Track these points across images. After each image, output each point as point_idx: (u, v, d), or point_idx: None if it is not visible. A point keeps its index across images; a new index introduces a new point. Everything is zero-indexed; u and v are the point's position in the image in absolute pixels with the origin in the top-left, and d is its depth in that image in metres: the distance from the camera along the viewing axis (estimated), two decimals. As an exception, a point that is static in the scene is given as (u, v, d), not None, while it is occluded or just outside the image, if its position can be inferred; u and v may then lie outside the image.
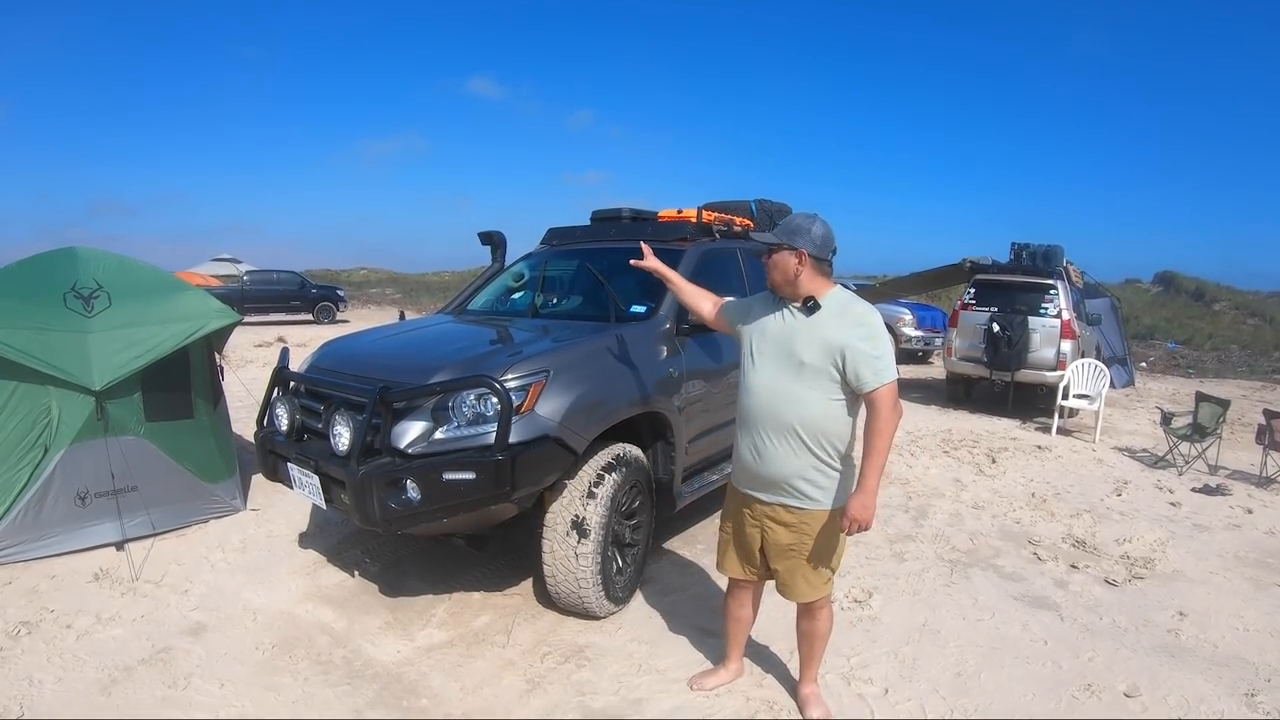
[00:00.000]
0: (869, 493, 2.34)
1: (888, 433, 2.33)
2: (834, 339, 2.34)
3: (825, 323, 2.39)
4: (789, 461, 2.42)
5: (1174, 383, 13.43)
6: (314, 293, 21.79)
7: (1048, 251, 9.58)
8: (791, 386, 2.40)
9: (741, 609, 2.85)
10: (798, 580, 2.55)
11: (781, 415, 2.40)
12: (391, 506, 2.96)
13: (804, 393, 2.38)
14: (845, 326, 2.36)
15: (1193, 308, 25.10)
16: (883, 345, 2.36)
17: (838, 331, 2.35)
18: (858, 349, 2.32)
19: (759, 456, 2.48)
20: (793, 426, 2.39)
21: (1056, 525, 4.98)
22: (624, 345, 3.65)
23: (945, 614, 3.58)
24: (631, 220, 4.91)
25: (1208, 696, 2.95)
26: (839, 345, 2.33)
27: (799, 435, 2.39)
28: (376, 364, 3.48)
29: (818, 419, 2.38)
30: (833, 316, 2.40)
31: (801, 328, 2.42)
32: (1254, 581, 4.15)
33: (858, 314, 2.39)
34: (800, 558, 2.51)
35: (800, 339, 2.40)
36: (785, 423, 2.40)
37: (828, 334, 2.36)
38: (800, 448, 2.40)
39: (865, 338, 2.33)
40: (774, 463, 2.44)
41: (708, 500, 4.60)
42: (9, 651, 3.04)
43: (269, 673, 2.97)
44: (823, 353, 2.35)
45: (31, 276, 4.17)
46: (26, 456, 3.77)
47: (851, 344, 2.32)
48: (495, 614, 3.48)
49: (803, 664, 2.81)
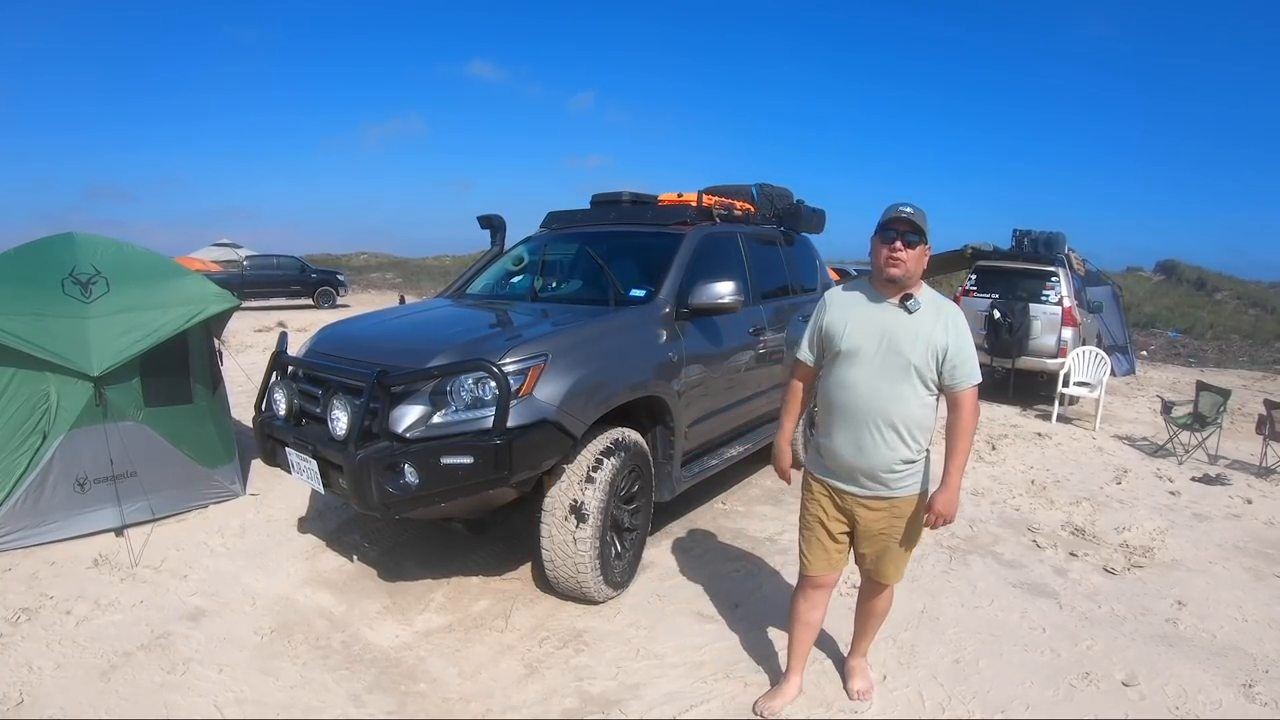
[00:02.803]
0: (954, 489, 2.42)
1: (971, 431, 2.43)
2: (938, 340, 2.39)
3: (926, 321, 2.42)
4: (888, 454, 2.45)
5: (1175, 372, 13.40)
6: (314, 277, 21.73)
7: (1049, 238, 9.53)
8: (896, 384, 2.42)
9: (814, 611, 2.75)
10: (886, 563, 2.62)
11: (886, 412, 2.43)
12: (390, 491, 2.95)
13: (907, 389, 2.42)
14: (945, 327, 2.41)
15: (1194, 297, 25.04)
16: (972, 346, 2.45)
17: (940, 332, 2.40)
18: (958, 349, 2.39)
19: (859, 451, 2.47)
20: (894, 421, 2.42)
21: (1056, 513, 4.98)
22: (623, 329, 3.63)
23: (944, 601, 3.59)
24: (632, 204, 4.88)
25: (1205, 686, 2.95)
26: (942, 346, 2.39)
27: (899, 429, 2.43)
28: (375, 348, 3.46)
29: (915, 413, 2.43)
30: (931, 316, 2.43)
31: (904, 325, 2.42)
32: (1253, 572, 4.15)
33: (949, 311, 2.46)
34: (892, 541, 2.57)
35: (905, 337, 2.41)
36: (888, 419, 2.43)
37: (931, 334, 2.40)
38: (898, 441, 2.44)
39: (963, 338, 2.42)
40: (875, 455, 2.46)
41: (707, 485, 4.61)
42: (9, 638, 3.04)
43: (268, 657, 2.97)
44: (928, 352, 2.39)
45: (29, 262, 4.14)
46: (26, 442, 3.76)
47: (952, 344, 2.39)
48: (494, 599, 3.48)
49: (856, 638, 2.88)
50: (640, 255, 4.39)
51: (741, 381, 4.48)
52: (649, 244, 4.44)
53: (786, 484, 2.92)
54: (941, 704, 2.77)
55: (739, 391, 4.48)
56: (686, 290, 3.93)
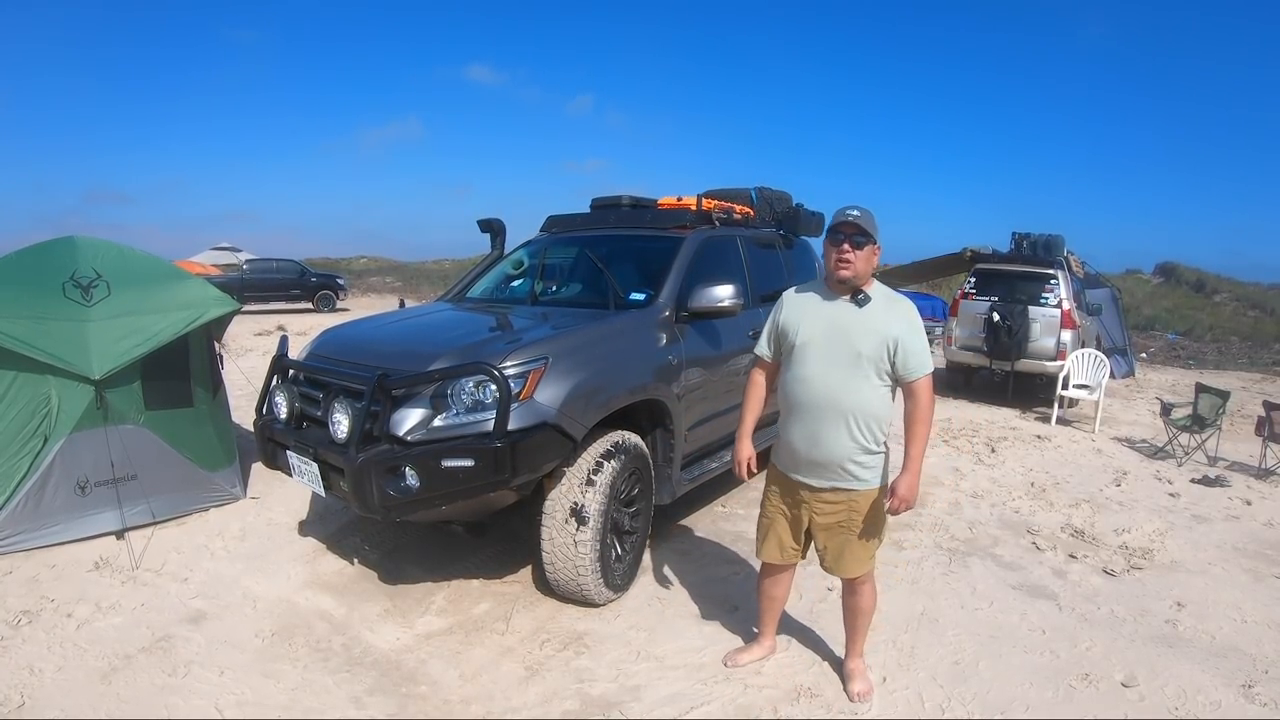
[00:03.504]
0: (915, 474, 2.49)
1: (928, 418, 2.51)
2: (887, 330, 2.46)
3: (877, 315, 2.50)
4: (843, 446, 2.53)
5: (1174, 374, 13.41)
6: (314, 281, 21.74)
7: (1048, 241, 9.55)
8: (848, 377, 2.50)
9: (776, 588, 2.96)
10: (846, 557, 2.66)
11: (838, 403, 2.50)
12: (390, 493, 2.96)
13: (858, 382, 2.49)
14: (895, 319, 2.49)
15: (1193, 299, 25.08)
16: (924, 338, 2.51)
17: (891, 323, 2.48)
18: (908, 340, 2.46)
19: (814, 443, 2.56)
20: (847, 412, 2.50)
21: (1055, 515, 4.98)
22: (623, 332, 3.64)
23: (943, 602, 3.59)
24: (631, 207, 4.89)
25: (1205, 687, 2.96)
26: (893, 336, 2.45)
27: (852, 420, 2.50)
28: (375, 351, 3.47)
29: (868, 404, 2.49)
30: (882, 309, 2.52)
31: (855, 318, 2.52)
32: (1252, 573, 4.15)
33: (902, 305, 2.54)
34: (850, 535, 2.62)
35: (856, 329, 2.50)
36: (841, 410, 2.50)
37: (880, 325, 2.48)
38: (853, 432, 2.51)
39: (913, 330, 2.48)
40: (830, 447, 2.54)
41: (707, 488, 4.61)
42: (10, 640, 3.04)
43: (268, 660, 2.98)
44: (878, 343, 2.47)
45: (30, 266, 4.15)
46: (26, 446, 3.76)
47: (902, 335, 2.45)
48: (494, 601, 3.48)
49: (849, 639, 2.90)
50: (640, 259, 4.40)
51: (741, 385, 4.48)
52: (648, 247, 4.45)
53: (743, 480, 2.98)
54: (941, 705, 2.78)
55: (738, 395, 4.47)
56: (686, 294, 3.93)
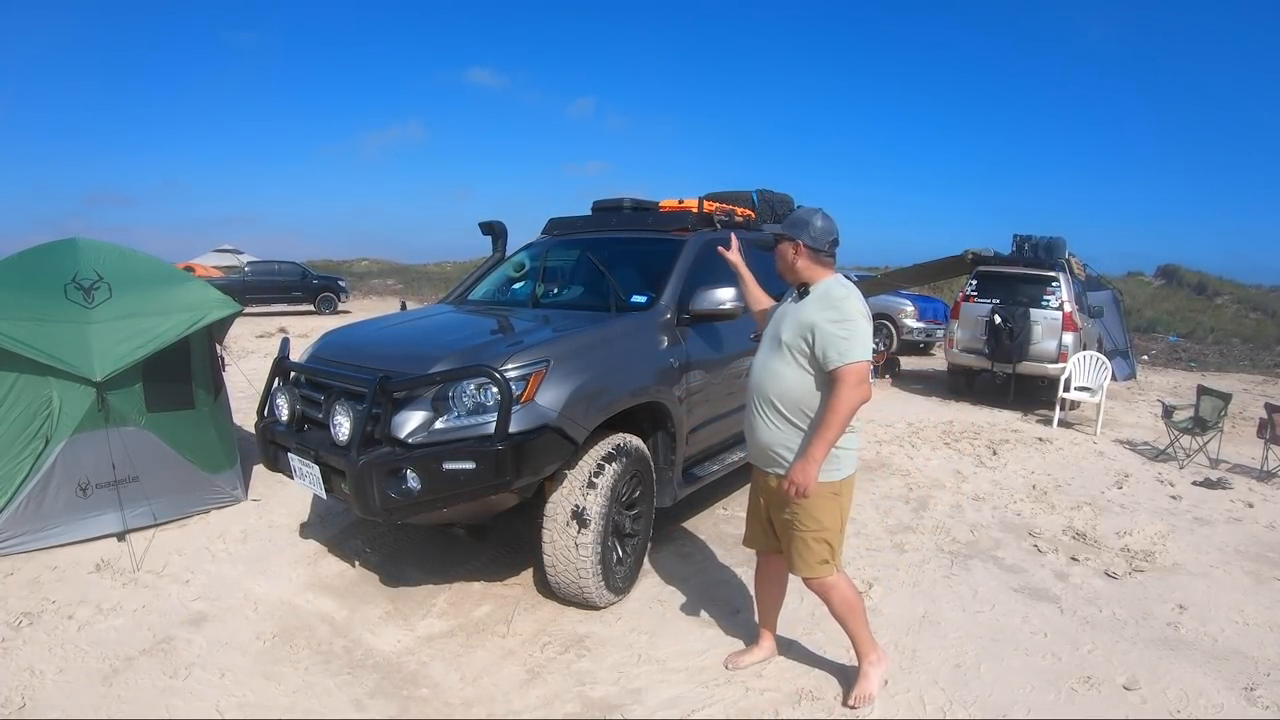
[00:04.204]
0: (810, 460, 2.45)
1: (841, 409, 2.40)
2: (807, 319, 2.51)
3: (807, 305, 2.57)
4: (770, 431, 2.61)
5: (1175, 376, 13.40)
6: (315, 283, 21.77)
7: (1050, 243, 9.55)
8: (771, 361, 2.62)
9: (768, 584, 2.98)
10: (792, 551, 2.70)
11: (762, 388, 2.63)
12: (392, 496, 2.96)
13: (779, 365, 2.58)
14: (819, 308, 2.52)
15: (1195, 301, 25.04)
16: (851, 328, 2.45)
17: (811, 312, 2.53)
18: (825, 329, 2.47)
19: (750, 427, 2.71)
20: (770, 396, 2.59)
21: (1057, 517, 4.98)
22: (624, 335, 3.64)
23: (945, 605, 3.59)
24: (633, 210, 4.90)
25: (1207, 690, 2.95)
26: (809, 324, 2.50)
27: (775, 404, 2.58)
28: (377, 354, 3.47)
29: (788, 389, 2.55)
30: (814, 299, 2.57)
31: (791, 311, 2.62)
32: (1254, 575, 4.14)
33: (833, 298, 2.54)
34: (795, 533, 2.65)
35: (786, 319, 2.61)
36: (764, 395, 2.62)
37: (803, 315, 2.54)
38: (776, 416, 2.59)
39: (834, 320, 2.47)
40: (760, 432, 2.65)
41: (709, 490, 4.61)
42: (11, 642, 3.05)
43: (270, 662, 2.98)
44: (795, 330, 2.54)
45: (32, 268, 4.16)
46: (28, 447, 3.77)
47: (820, 324, 2.48)
48: (496, 604, 3.48)
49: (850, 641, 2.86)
50: (641, 261, 4.41)
51: (742, 388, 4.48)
52: (650, 250, 4.45)
53: None
54: (943, 708, 2.77)
55: (740, 397, 4.46)
56: (687, 296, 3.93)
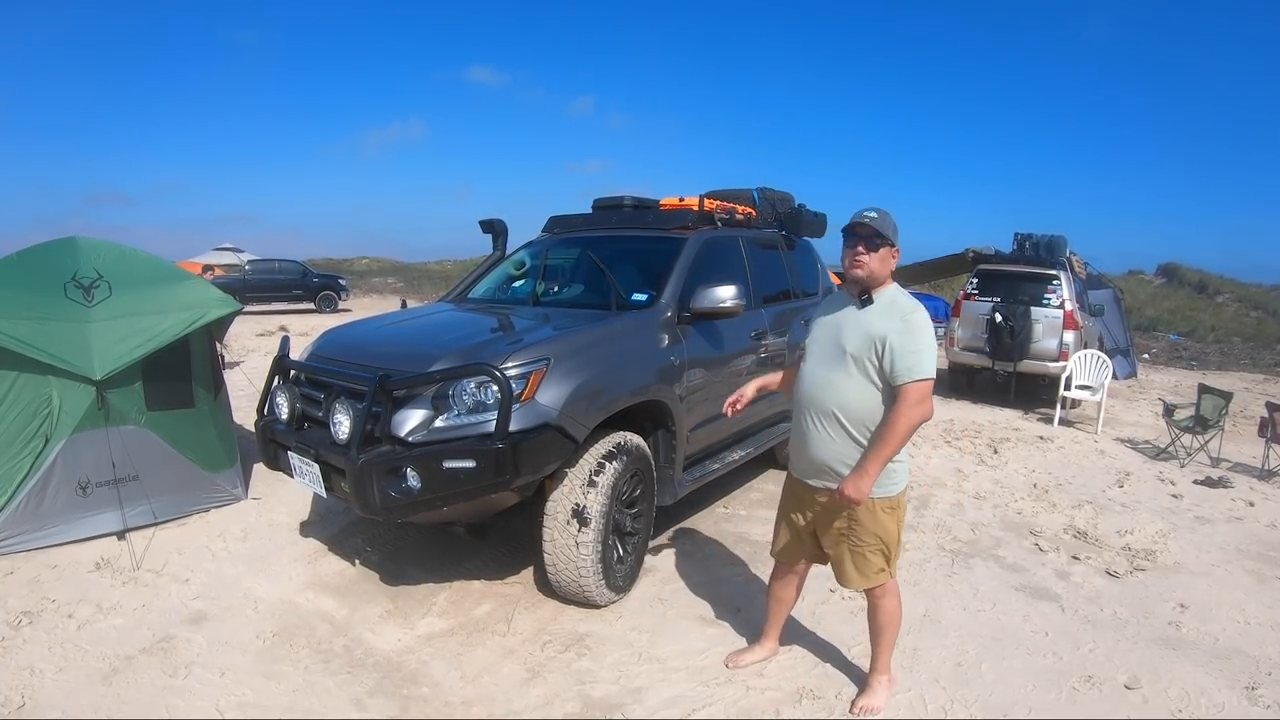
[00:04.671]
0: (865, 476, 2.41)
1: (902, 426, 2.37)
2: (877, 331, 2.42)
3: (873, 314, 2.48)
4: (831, 445, 2.51)
5: (1176, 374, 13.39)
6: (316, 282, 21.77)
7: (1051, 242, 9.55)
8: (833, 371, 2.50)
9: (785, 590, 2.94)
10: (846, 566, 2.62)
11: (823, 401, 2.51)
12: (391, 495, 2.95)
13: (842, 376, 2.47)
14: (889, 319, 2.43)
15: (1196, 300, 25.03)
16: (922, 341, 2.40)
17: (881, 324, 2.43)
18: (896, 342, 2.39)
19: (804, 440, 2.59)
20: (831, 409, 2.49)
21: (1058, 516, 4.97)
22: (625, 333, 3.64)
23: (946, 604, 3.58)
24: (633, 208, 4.89)
25: (1208, 689, 2.95)
26: (880, 335, 2.41)
27: (837, 417, 2.48)
28: (377, 352, 3.47)
29: (852, 402, 2.46)
30: (881, 309, 2.48)
31: (852, 318, 2.51)
32: (1255, 574, 4.14)
33: (903, 308, 2.46)
34: (850, 544, 2.58)
35: (848, 328, 2.50)
36: (825, 408, 2.50)
37: (871, 326, 2.44)
38: (838, 430, 2.49)
39: (905, 332, 2.40)
40: (818, 446, 2.54)
41: (709, 489, 4.61)
42: (10, 641, 3.04)
43: (270, 661, 2.97)
44: (863, 341, 2.43)
45: (32, 266, 4.15)
46: (28, 446, 3.76)
47: (891, 336, 2.39)
48: (496, 602, 3.48)
49: (872, 653, 2.81)
50: (642, 260, 4.40)
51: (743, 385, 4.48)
52: (650, 248, 4.45)
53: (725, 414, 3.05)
54: (944, 707, 2.77)
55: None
56: (688, 295, 3.93)
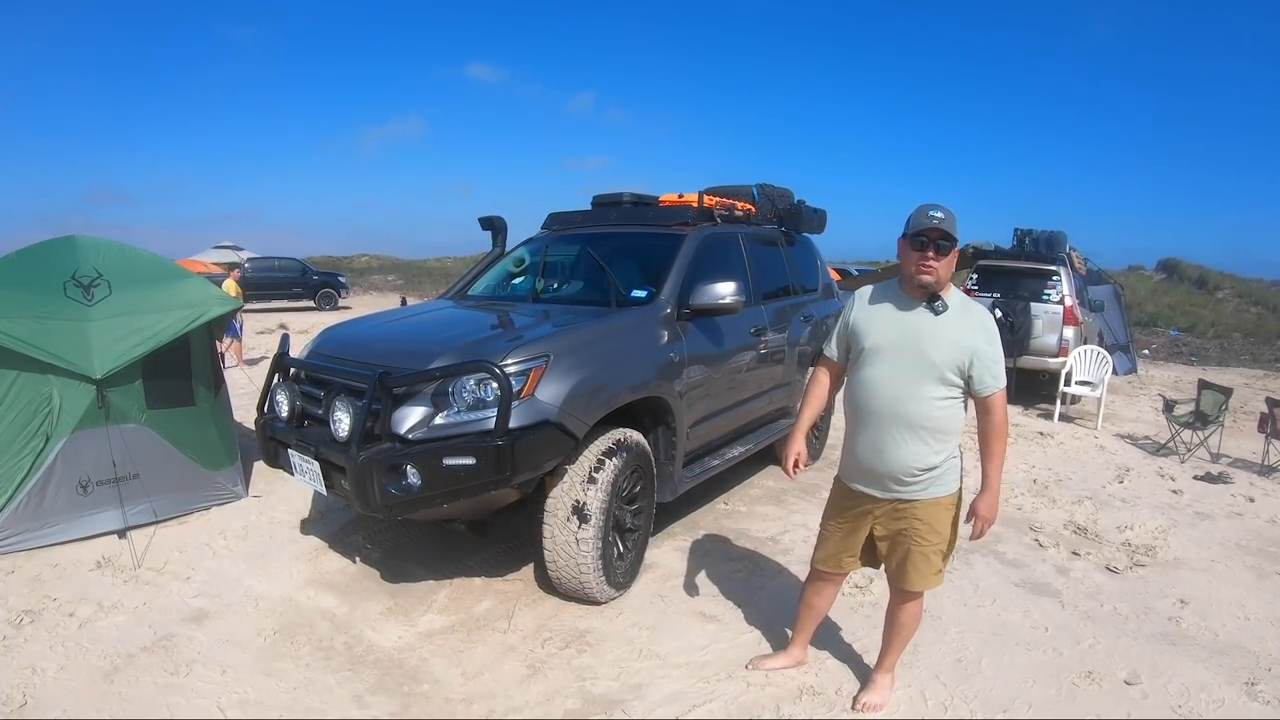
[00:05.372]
0: (994, 492, 2.47)
1: (1005, 434, 2.47)
2: (964, 342, 2.36)
3: (953, 323, 2.39)
4: (907, 457, 2.42)
5: (1176, 370, 13.39)
6: (315, 279, 21.78)
7: (1051, 237, 9.53)
8: (917, 384, 2.39)
9: (819, 598, 2.86)
10: (909, 569, 2.55)
11: (906, 413, 2.40)
12: (392, 492, 2.95)
13: (927, 390, 2.39)
14: (973, 330, 2.38)
15: (1196, 295, 25.00)
16: (1000, 348, 2.41)
17: (967, 334, 2.37)
18: (985, 353, 2.36)
19: (878, 453, 2.46)
20: (914, 422, 2.40)
21: (1058, 512, 4.98)
22: (625, 330, 3.63)
23: (946, 600, 3.58)
24: (633, 205, 4.88)
25: (1208, 685, 2.95)
26: (970, 348, 2.36)
27: (919, 431, 2.40)
28: (377, 350, 3.47)
29: (936, 415, 2.40)
30: (959, 317, 2.40)
31: (929, 326, 2.40)
32: (1255, 570, 4.14)
33: (978, 313, 2.43)
34: (912, 545, 2.53)
35: (929, 337, 2.38)
36: (909, 420, 2.40)
37: (958, 335, 2.37)
38: (918, 443, 2.41)
39: (990, 341, 2.38)
40: (894, 458, 2.44)
41: (710, 485, 4.61)
42: (12, 640, 3.05)
43: (270, 659, 2.98)
44: (954, 354, 2.36)
45: (31, 265, 4.15)
46: (28, 445, 3.77)
47: (980, 348, 2.36)
48: (496, 599, 3.48)
49: (882, 649, 2.80)
50: (641, 256, 4.39)
51: (743, 382, 4.48)
52: (650, 245, 4.44)
53: (790, 479, 2.88)
54: (944, 703, 2.77)
55: (740, 392, 4.48)
56: (688, 291, 3.93)
